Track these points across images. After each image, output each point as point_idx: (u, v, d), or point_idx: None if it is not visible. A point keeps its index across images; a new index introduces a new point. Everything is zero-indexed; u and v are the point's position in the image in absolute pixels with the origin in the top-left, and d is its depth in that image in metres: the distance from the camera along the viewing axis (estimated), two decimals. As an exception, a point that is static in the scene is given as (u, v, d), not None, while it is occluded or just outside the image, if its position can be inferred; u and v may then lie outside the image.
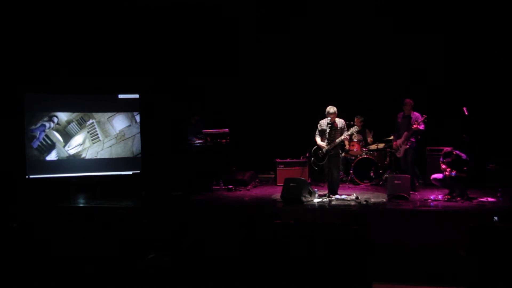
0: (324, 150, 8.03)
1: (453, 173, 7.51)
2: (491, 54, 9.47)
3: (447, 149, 7.63)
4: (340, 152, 8.60)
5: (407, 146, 8.49)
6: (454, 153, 7.56)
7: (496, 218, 5.58)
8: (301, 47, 10.43)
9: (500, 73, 9.49)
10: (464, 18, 9.48)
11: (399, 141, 8.60)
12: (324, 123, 8.14)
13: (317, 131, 8.23)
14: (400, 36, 9.80)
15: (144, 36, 10.32)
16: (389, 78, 9.97)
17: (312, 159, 8.28)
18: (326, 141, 8.05)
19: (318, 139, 8.17)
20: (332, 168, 8.17)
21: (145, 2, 10.07)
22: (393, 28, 9.80)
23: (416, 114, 8.44)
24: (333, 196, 8.07)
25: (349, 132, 8.30)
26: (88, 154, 9.49)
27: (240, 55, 10.66)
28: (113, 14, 10.00)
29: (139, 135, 9.74)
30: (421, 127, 8.33)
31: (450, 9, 9.50)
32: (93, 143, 9.53)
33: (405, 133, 8.47)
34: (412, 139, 8.47)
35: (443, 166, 7.71)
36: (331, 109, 8.01)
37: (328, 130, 8.05)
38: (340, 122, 8.13)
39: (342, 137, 8.08)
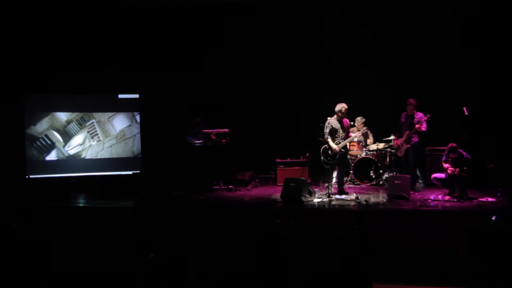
0: (335, 151, 8.00)
1: (456, 171, 7.51)
2: (491, 54, 9.47)
3: (452, 144, 7.62)
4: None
5: (409, 145, 8.49)
6: (458, 150, 7.57)
7: (494, 217, 5.56)
8: (301, 47, 10.43)
9: (500, 73, 9.49)
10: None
11: (400, 140, 8.60)
12: (334, 122, 8.09)
13: (328, 130, 8.11)
14: (400, 35, 9.83)
15: (144, 36, 10.32)
16: (390, 77, 9.97)
17: (322, 158, 8.23)
18: (336, 139, 8.03)
19: (330, 139, 8.08)
20: (341, 167, 8.24)
21: (145, 3, 10.07)
22: (393, 28, 9.83)
23: (419, 114, 8.42)
24: (333, 196, 8.07)
25: (359, 133, 8.34)
26: (88, 154, 9.48)
27: (241, 55, 10.66)
28: (113, 14, 10.00)
29: (139, 135, 9.74)
30: (423, 127, 8.31)
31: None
32: (93, 143, 9.51)
33: (407, 132, 8.47)
34: (415, 139, 8.46)
35: (446, 165, 7.71)
36: (345, 106, 7.99)
37: (339, 129, 8.03)
38: (347, 120, 8.15)
39: (354, 135, 8.09)
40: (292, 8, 10.18)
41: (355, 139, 9.41)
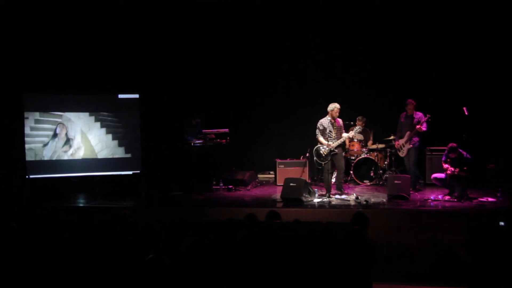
0: (328, 149, 8.00)
1: (456, 170, 7.50)
2: (491, 53, 9.47)
3: (452, 144, 7.63)
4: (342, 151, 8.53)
5: (411, 145, 8.50)
6: (458, 150, 7.57)
7: (502, 223, 5.48)
8: (301, 47, 10.43)
9: (500, 72, 9.49)
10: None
11: (402, 141, 8.62)
12: (326, 121, 8.09)
13: (319, 130, 8.14)
14: (399, 35, 9.83)
15: (144, 36, 10.33)
16: (390, 78, 9.97)
17: (315, 158, 8.24)
18: (329, 140, 8.03)
19: (321, 138, 8.10)
20: (338, 167, 8.22)
21: (146, 3, 10.08)
22: (393, 27, 9.84)
23: (419, 114, 8.43)
24: (333, 196, 8.07)
25: (353, 132, 8.31)
26: (88, 154, 9.46)
27: (242, 55, 10.66)
28: (114, 14, 10.00)
29: (139, 135, 9.73)
30: (424, 128, 8.33)
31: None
32: (93, 143, 9.50)
33: (408, 132, 8.49)
34: (415, 139, 8.48)
35: (445, 166, 7.71)
36: (337, 106, 7.98)
37: (331, 129, 8.02)
38: (340, 120, 8.13)
39: (346, 135, 8.08)
40: (292, 8, 10.18)
41: (355, 140, 9.43)
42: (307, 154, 9.74)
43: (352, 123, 9.40)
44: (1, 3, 9.32)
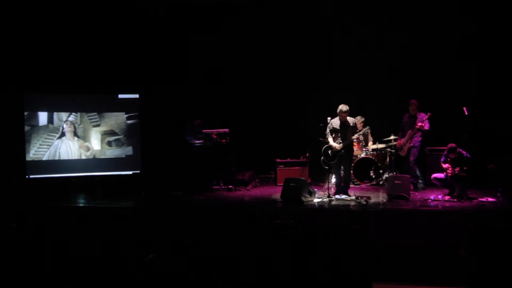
0: (335, 150, 8.01)
1: (456, 170, 7.50)
2: (491, 54, 9.47)
3: (451, 144, 7.63)
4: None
5: (411, 144, 8.53)
6: (458, 150, 7.57)
7: None
8: (301, 48, 10.43)
9: (501, 72, 9.49)
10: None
11: (403, 140, 8.67)
12: (336, 122, 8.09)
13: (329, 130, 8.15)
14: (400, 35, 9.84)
15: (144, 36, 10.33)
16: (390, 78, 9.97)
17: (322, 158, 8.25)
18: (338, 140, 8.03)
19: (330, 140, 8.10)
20: (345, 167, 8.24)
21: (146, 4, 10.08)
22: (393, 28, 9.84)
23: (422, 114, 8.52)
24: (333, 196, 8.07)
25: (361, 132, 8.32)
26: (88, 154, 9.47)
27: (242, 56, 10.66)
28: (115, 14, 10.00)
29: (139, 134, 9.73)
30: (426, 126, 8.36)
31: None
32: (93, 143, 9.50)
33: (409, 131, 8.54)
34: (417, 138, 8.51)
35: (445, 166, 7.71)
36: (344, 107, 7.95)
37: (340, 129, 8.03)
38: (351, 120, 8.12)
39: (355, 136, 8.09)
40: (293, 9, 10.18)
41: (355, 140, 9.41)
42: (307, 154, 9.74)
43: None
44: (2, 3, 9.32)
